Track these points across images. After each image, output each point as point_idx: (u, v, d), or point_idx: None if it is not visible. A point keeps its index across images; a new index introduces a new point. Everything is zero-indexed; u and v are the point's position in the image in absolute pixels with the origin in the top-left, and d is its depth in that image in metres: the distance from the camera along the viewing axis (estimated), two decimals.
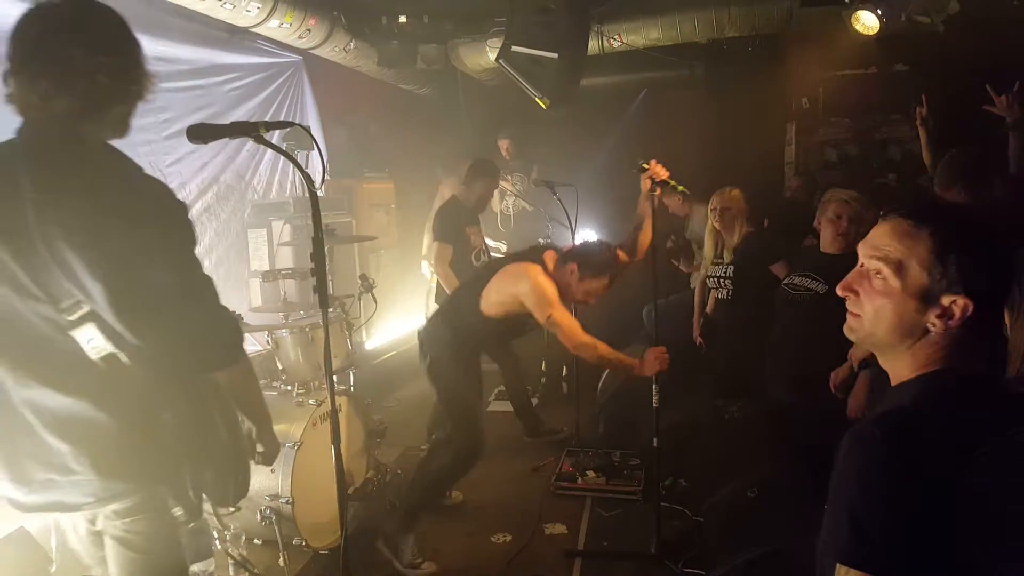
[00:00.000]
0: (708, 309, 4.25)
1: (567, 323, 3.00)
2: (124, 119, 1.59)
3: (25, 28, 1.48)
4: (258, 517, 3.00)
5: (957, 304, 1.11)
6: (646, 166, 3.13)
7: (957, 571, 1.02)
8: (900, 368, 1.18)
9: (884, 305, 1.16)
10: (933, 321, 1.12)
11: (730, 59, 6.24)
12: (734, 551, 2.51)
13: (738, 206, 3.93)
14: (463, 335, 3.21)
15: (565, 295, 3.11)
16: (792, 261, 3.54)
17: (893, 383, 1.20)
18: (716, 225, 4.00)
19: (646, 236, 3.31)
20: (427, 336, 3.29)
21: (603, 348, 3.00)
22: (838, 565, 1.05)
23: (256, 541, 3.20)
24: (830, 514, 1.07)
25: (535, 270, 3.07)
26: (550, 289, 3.03)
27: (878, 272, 1.17)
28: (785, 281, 3.35)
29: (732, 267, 3.91)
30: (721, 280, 3.99)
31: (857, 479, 1.05)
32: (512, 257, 3.42)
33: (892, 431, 1.05)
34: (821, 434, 1.77)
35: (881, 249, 1.17)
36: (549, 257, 3.20)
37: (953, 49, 5.56)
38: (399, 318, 6.03)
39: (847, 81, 6.76)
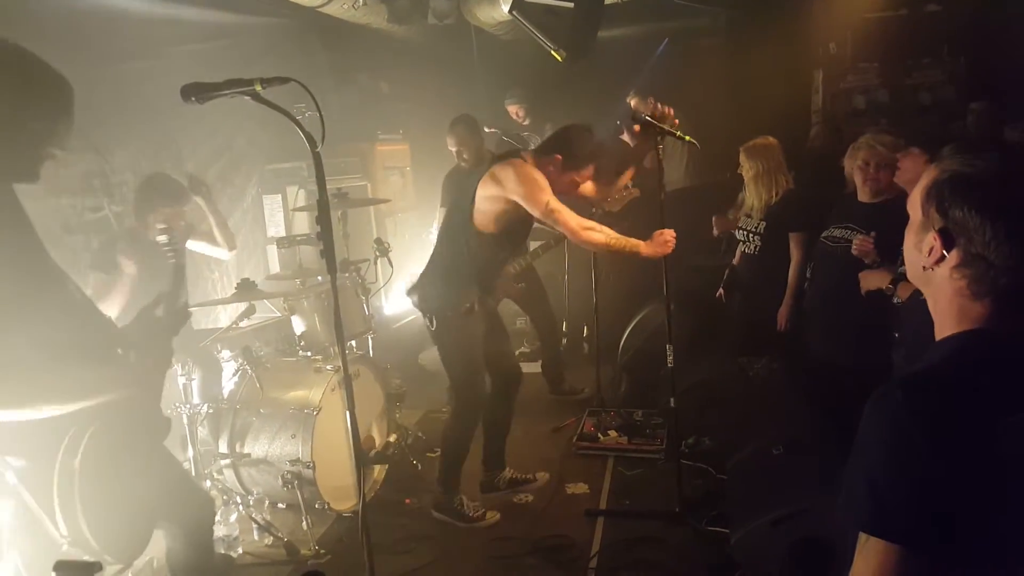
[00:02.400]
0: (734, 261, 4.14)
1: (566, 209, 2.84)
2: None
3: None
4: (280, 482, 3.02)
5: (932, 241, 1.06)
6: (650, 117, 2.98)
7: (987, 542, 0.95)
8: (940, 322, 1.11)
9: (905, 242, 1.16)
10: (926, 262, 1.08)
11: (754, 4, 5.99)
12: (758, 510, 2.47)
13: (774, 160, 3.77)
14: (463, 276, 3.02)
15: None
16: (829, 212, 3.36)
17: (936, 338, 1.13)
18: (748, 178, 3.84)
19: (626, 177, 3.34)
20: (423, 294, 3.15)
21: (610, 232, 2.91)
22: (860, 533, 1.00)
23: (280, 505, 3.24)
24: (849, 478, 1.02)
25: (518, 162, 2.93)
26: (540, 176, 2.87)
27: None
28: (824, 234, 3.21)
29: (764, 224, 3.78)
30: (750, 234, 3.86)
31: (877, 443, 0.99)
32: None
33: (915, 393, 0.99)
34: (858, 387, 1.70)
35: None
36: (526, 156, 3.05)
37: None
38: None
39: (876, 24, 6.46)
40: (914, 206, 1.12)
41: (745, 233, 3.89)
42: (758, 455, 2.82)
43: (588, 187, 3.20)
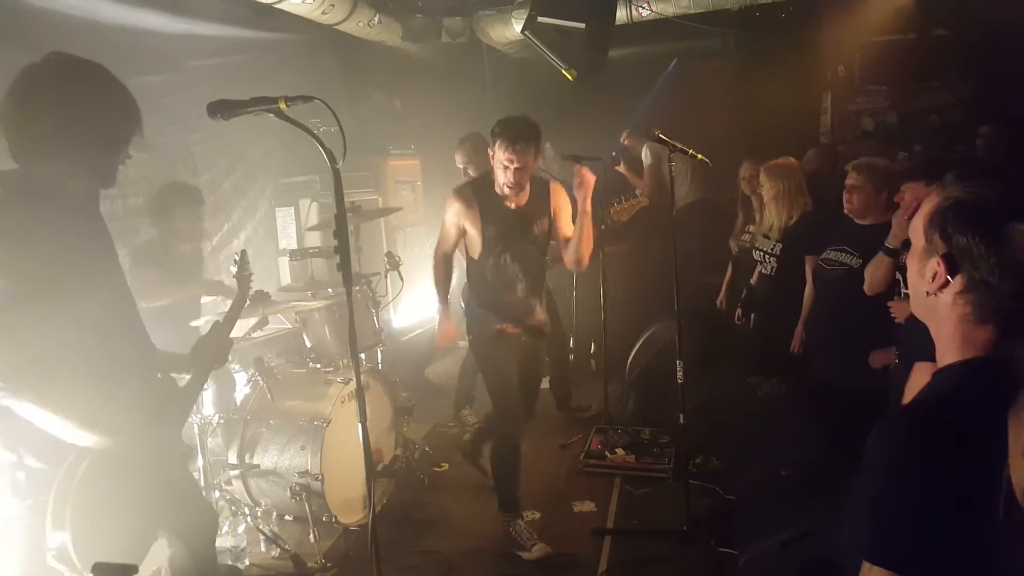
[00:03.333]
0: (752, 281, 4.13)
1: (440, 241, 3.21)
2: None
3: None
4: (288, 494, 3.03)
5: (935, 267, 1.06)
6: (663, 136, 3.04)
7: (989, 573, 0.95)
8: (944, 350, 1.11)
9: (908, 269, 1.16)
10: (929, 287, 1.08)
11: (763, 26, 6.04)
12: (767, 531, 2.47)
13: (795, 181, 3.76)
14: (475, 297, 3.21)
15: (495, 185, 3.03)
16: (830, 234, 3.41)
17: (938, 365, 1.13)
18: (768, 198, 3.83)
19: None
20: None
21: (440, 287, 3.24)
22: (863, 561, 1.00)
23: (287, 517, 3.24)
24: (854, 506, 1.02)
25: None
26: (447, 212, 3.13)
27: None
28: (822, 257, 3.26)
29: (780, 246, 3.78)
30: (767, 256, 3.86)
31: (881, 473, 0.99)
32: None
33: (918, 424, 0.99)
34: (858, 412, 1.71)
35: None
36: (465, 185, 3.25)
37: (998, 12, 5.32)
38: (426, 296, 6.02)
39: (884, 47, 6.52)
40: (916, 233, 1.12)
41: (762, 254, 3.89)
42: (767, 476, 2.82)
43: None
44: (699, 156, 3.12)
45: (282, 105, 1.70)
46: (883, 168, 3.11)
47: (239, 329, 3.41)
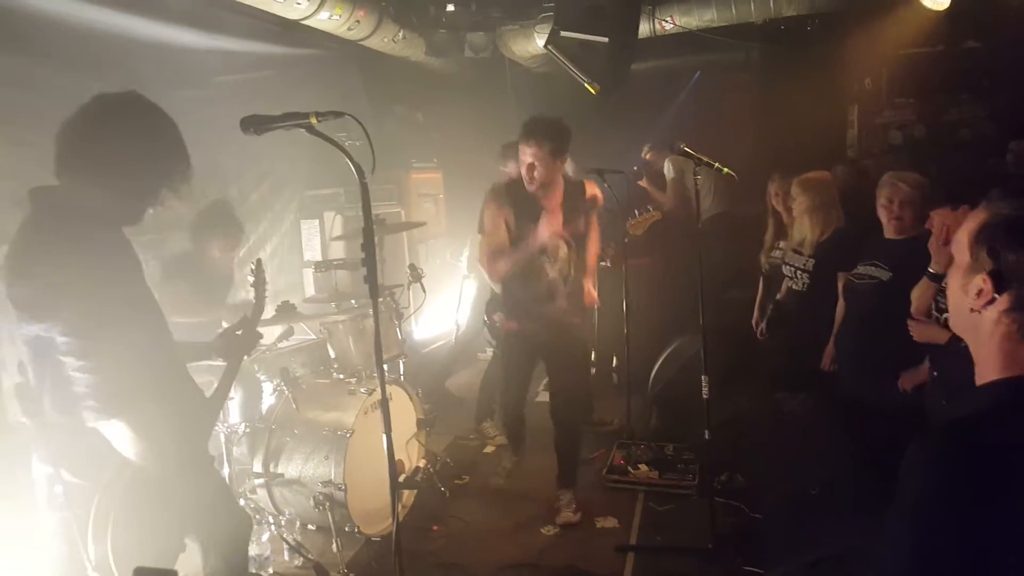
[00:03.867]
0: (779, 296, 4.06)
1: (484, 241, 3.27)
2: None
3: None
4: (312, 503, 3.04)
5: (981, 283, 1.05)
6: (688, 150, 3.03)
7: None
8: (984, 368, 1.09)
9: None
10: (973, 303, 1.07)
11: (788, 40, 6.01)
12: (795, 551, 2.43)
13: (828, 195, 3.69)
14: (501, 294, 3.43)
15: (523, 187, 3.12)
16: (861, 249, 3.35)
17: (977, 383, 1.11)
18: (800, 212, 3.78)
19: None
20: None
21: (507, 258, 3.16)
22: None
23: (310, 527, 3.25)
24: (891, 528, 1.00)
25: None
26: (487, 212, 3.23)
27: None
28: (852, 271, 3.22)
29: (813, 261, 3.71)
30: (798, 271, 3.80)
31: (918, 494, 0.97)
32: None
33: (958, 443, 0.97)
34: (888, 428, 1.68)
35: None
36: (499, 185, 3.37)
37: None
38: (448, 308, 6.04)
39: (913, 60, 6.43)
40: (960, 249, 1.11)
41: (793, 270, 3.81)
42: (795, 494, 2.78)
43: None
44: (724, 169, 3.09)
45: (313, 120, 1.73)
46: (924, 182, 3.06)
47: (267, 338, 3.46)
